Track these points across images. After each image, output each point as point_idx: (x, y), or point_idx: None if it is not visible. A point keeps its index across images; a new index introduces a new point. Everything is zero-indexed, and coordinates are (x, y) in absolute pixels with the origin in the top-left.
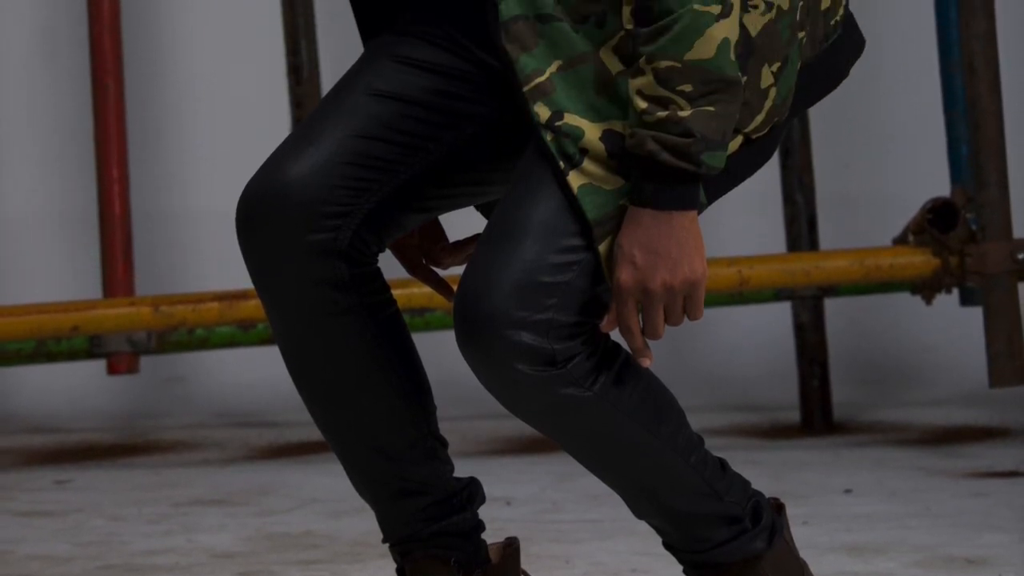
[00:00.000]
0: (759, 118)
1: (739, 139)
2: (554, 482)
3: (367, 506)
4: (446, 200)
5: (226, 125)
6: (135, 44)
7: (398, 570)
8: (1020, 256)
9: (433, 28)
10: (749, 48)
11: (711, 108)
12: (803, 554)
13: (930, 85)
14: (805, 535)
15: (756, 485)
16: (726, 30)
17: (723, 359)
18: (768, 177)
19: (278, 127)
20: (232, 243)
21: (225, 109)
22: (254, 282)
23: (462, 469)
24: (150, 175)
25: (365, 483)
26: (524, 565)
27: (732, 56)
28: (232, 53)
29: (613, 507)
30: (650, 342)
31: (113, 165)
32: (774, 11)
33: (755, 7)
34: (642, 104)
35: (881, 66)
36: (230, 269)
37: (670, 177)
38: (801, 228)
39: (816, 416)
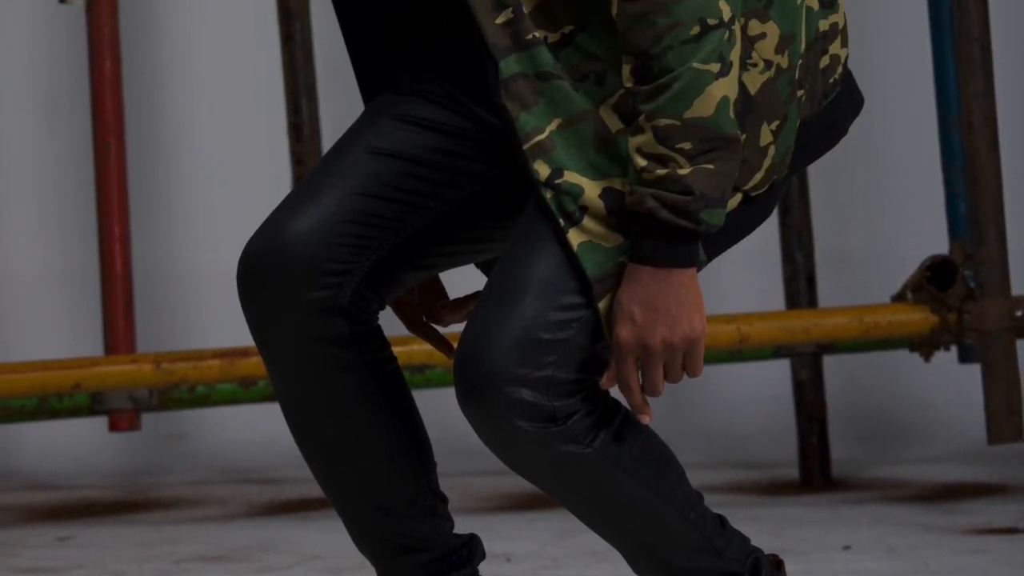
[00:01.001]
0: (758, 176)
1: (738, 196)
2: (554, 538)
3: (367, 562)
4: (446, 258)
5: (227, 183)
6: (136, 102)
7: None
8: (1018, 313)
9: (433, 87)
10: (748, 106)
11: (710, 166)
12: None
13: (928, 142)
14: None
15: (755, 541)
16: (725, 88)
17: (722, 416)
18: (767, 234)
19: (279, 185)
20: (233, 301)
21: (226, 167)
22: (255, 339)
23: (462, 525)
24: (151, 233)
25: (365, 539)
26: None
27: (731, 114)
28: (233, 111)
29: (613, 563)
30: (649, 399)
31: (115, 223)
32: (773, 69)
33: (754, 65)
34: (642, 162)
35: (880, 124)
36: (231, 326)
37: (669, 235)
38: (800, 285)
39: (815, 473)
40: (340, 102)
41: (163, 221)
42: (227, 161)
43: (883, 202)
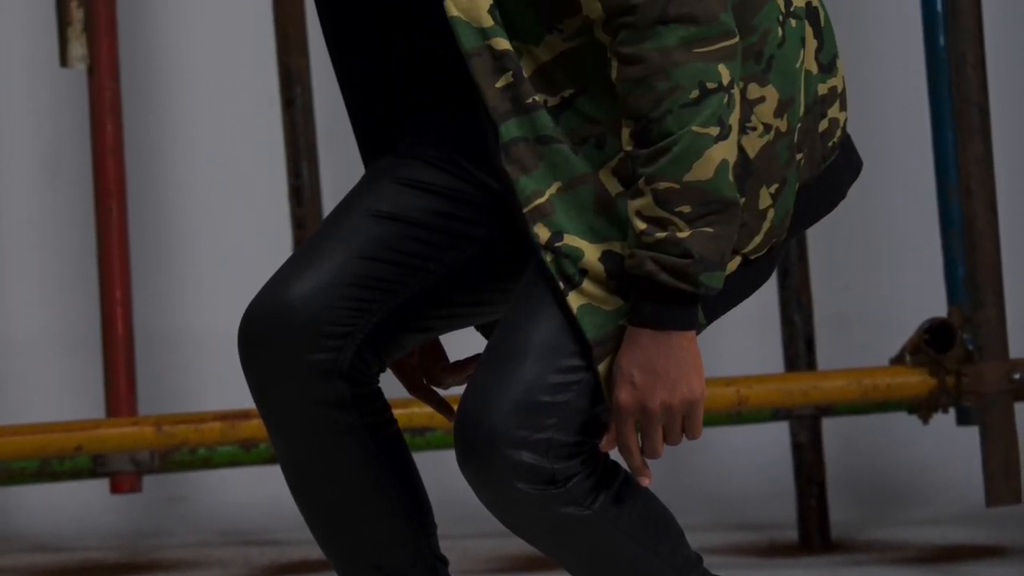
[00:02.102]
0: (757, 239)
1: (737, 259)
2: None
3: None
4: (446, 320)
5: (228, 246)
6: (138, 166)
7: None
8: (1016, 376)
9: (434, 150)
10: (747, 170)
11: (710, 229)
12: None
13: (927, 206)
14: None
15: None
16: (725, 152)
17: (721, 478)
18: (766, 297)
19: (280, 248)
20: (234, 363)
21: (227, 230)
22: (256, 402)
23: None
24: (153, 296)
25: None
26: None
27: (731, 178)
28: (234, 174)
29: None
30: (649, 461)
31: (116, 286)
32: (772, 133)
33: (753, 129)
34: (641, 225)
35: (878, 187)
36: (232, 389)
37: (669, 297)
38: (799, 348)
39: (814, 535)
40: (341, 165)
41: (164, 284)
42: (228, 224)
43: (882, 265)
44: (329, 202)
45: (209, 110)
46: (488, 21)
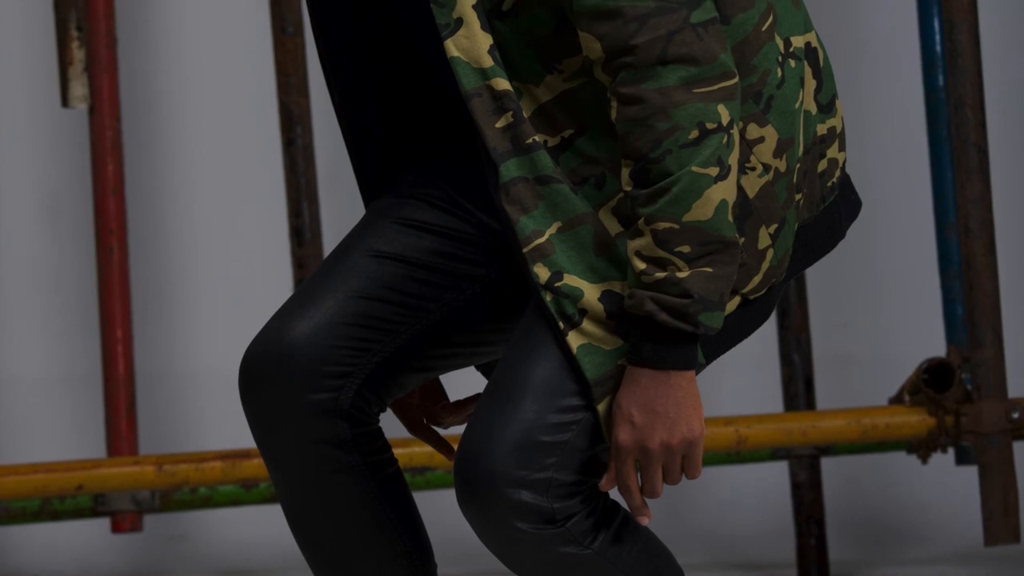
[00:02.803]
0: (756, 279)
1: (737, 299)
2: None
3: None
4: (446, 360)
5: (229, 286)
6: (138, 205)
7: None
8: (1014, 415)
9: (434, 190)
10: (747, 210)
11: (709, 269)
12: None
13: (925, 246)
14: None
15: None
16: (724, 192)
17: (720, 517)
18: (765, 336)
19: (280, 288)
20: (235, 403)
21: (228, 270)
22: (256, 441)
23: None
24: (153, 335)
25: None
26: None
27: (730, 218)
28: (235, 214)
29: None
30: (648, 500)
31: (117, 326)
32: (771, 173)
33: (752, 169)
34: (641, 265)
35: (877, 227)
36: (233, 428)
37: (668, 337)
38: (798, 387)
39: (813, 574)
40: (341, 206)
41: (165, 323)
42: (229, 264)
43: (881, 305)
44: (330, 242)
45: (210, 150)
46: (488, 61)
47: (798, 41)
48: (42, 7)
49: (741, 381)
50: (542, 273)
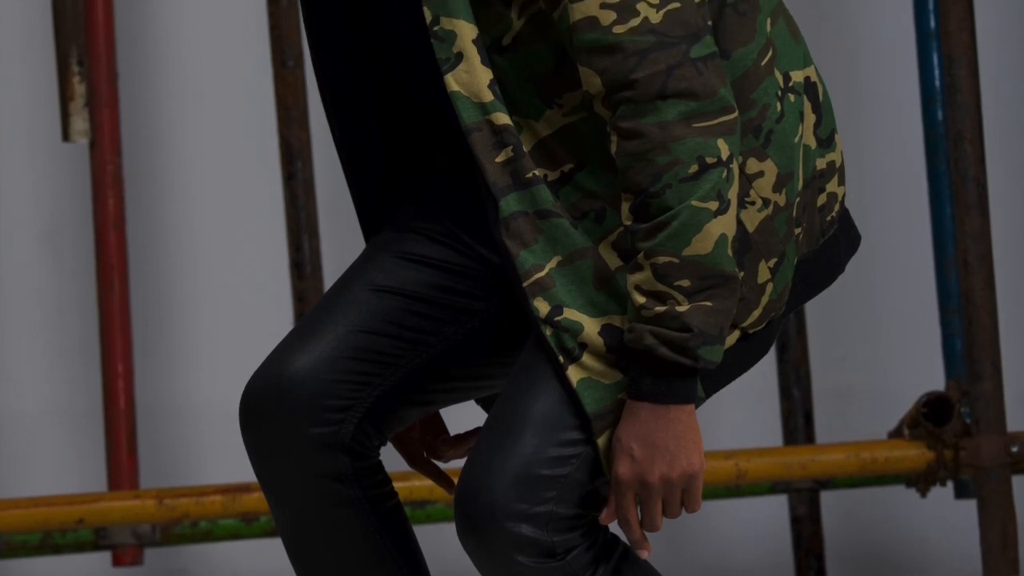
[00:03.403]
0: (756, 313)
1: (736, 333)
2: None
3: None
4: (447, 394)
5: (229, 320)
6: (139, 240)
7: None
8: (1014, 449)
9: (434, 224)
10: (746, 244)
11: (709, 303)
12: None
13: (924, 280)
14: None
15: None
16: (723, 226)
17: (720, 551)
18: (765, 370)
19: (281, 322)
20: (235, 436)
21: (228, 304)
22: (257, 475)
23: None
24: (154, 369)
25: None
26: None
27: (729, 252)
28: (235, 248)
29: None
30: (648, 534)
31: (118, 360)
32: (771, 208)
33: (752, 203)
34: (640, 299)
35: (876, 261)
36: (233, 462)
37: (668, 371)
38: (797, 421)
39: None
40: (342, 239)
41: (166, 357)
42: (229, 298)
43: (880, 339)
44: (330, 276)
45: (210, 184)
46: (488, 96)
47: (797, 76)
48: (43, 41)
49: (740, 415)
50: (542, 307)
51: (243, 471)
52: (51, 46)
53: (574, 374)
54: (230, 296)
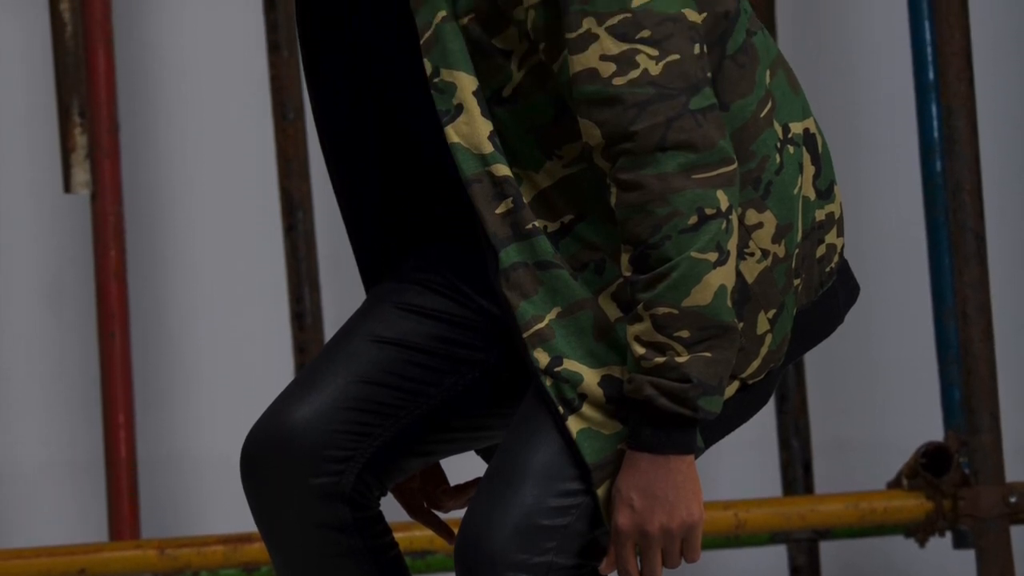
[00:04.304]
0: (755, 363)
1: (735, 384)
2: None
3: None
4: (447, 444)
5: (230, 370)
6: (140, 291)
7: None
8: (1012, 500)
9: (434, 275)
10: (745, 295)
11: (708, 354)
12: None
13: (923, 330)
14: None
15: None
16: (723, 277)
17: None
18: (764, 421)
19: (282, 373)
20: (237, 487)
21: (229, 354)
22: (258, 525)
23: None
24: (155, 419)
25: None
26: None
27: (729, 303)
28: (236, 299)
29: None
30: None
31: (119, 410)
32: (770, 258)
33: (751, 254)
34: (640, 350)
35: (875, 311)
36: (234, 512)
37: (667, 421)
38: (796, 471)
39: None
40: (342, 291)
41: (167, 408)
42: (230, 349)
43: (879, 389)
44: (331, 327)
45: (211, 236)
46: (488, 148)
47: (796, 127)
48: (45, 93)
49: (740, 464)
50: (542, 358)
51: (244, 521)
52: (52, 97)
53: (574, 425)
54: (231, 347)
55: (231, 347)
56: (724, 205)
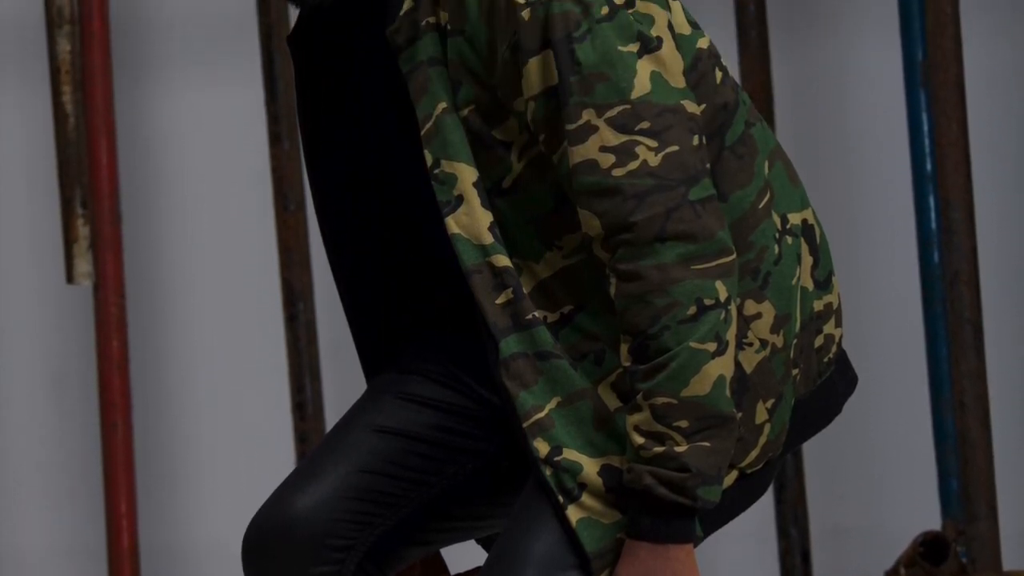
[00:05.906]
0: (754, 453)
1: (734, 473)
2: None
3: None
4: (447, 533)
5: (232, 460)
6: (142, 382)
7: None
8: None
9: (434, 365)
10: (744, 385)
11: (707, 444)
12: None
13: (921, 420)
14: None
15: None
16: (722, 367)
17: None
18: (763, 510)
19: (283, 462)
20: (238, 575)
21: (231, 445)
22: None
23: None
24: (157, 509)
25: None
26: None
27: (728, 393)
28: (237, 390)
29: None
30: None
31: (121, 500)
32: (769, 349)
33: (750, 344)
34: (639, 439)
35: (873, 401)
36: None
37: (666, 511)
38: (795, 560)
39: None
40: (343, 381)
41: (168, 498)
42: (232, 439)
43: (877, 479)
44: (332, 417)
45: (213, 326)
46: (488, 238)
47: (795, 218)
48: (47, 184)
49: (738, 553)
50: (542, 447)
51: None
52: (55, 188)
53: (573, 514)
54: (233, 437)
55: (233, 437)
56: (723, 296)
